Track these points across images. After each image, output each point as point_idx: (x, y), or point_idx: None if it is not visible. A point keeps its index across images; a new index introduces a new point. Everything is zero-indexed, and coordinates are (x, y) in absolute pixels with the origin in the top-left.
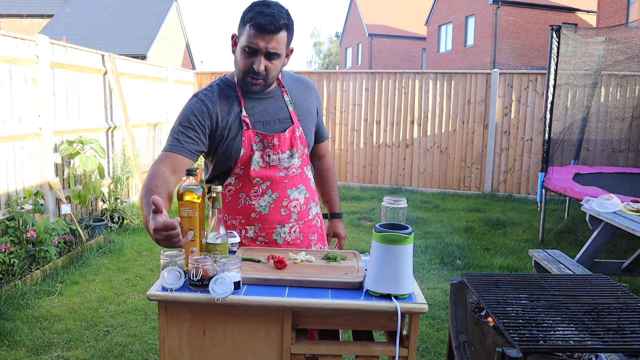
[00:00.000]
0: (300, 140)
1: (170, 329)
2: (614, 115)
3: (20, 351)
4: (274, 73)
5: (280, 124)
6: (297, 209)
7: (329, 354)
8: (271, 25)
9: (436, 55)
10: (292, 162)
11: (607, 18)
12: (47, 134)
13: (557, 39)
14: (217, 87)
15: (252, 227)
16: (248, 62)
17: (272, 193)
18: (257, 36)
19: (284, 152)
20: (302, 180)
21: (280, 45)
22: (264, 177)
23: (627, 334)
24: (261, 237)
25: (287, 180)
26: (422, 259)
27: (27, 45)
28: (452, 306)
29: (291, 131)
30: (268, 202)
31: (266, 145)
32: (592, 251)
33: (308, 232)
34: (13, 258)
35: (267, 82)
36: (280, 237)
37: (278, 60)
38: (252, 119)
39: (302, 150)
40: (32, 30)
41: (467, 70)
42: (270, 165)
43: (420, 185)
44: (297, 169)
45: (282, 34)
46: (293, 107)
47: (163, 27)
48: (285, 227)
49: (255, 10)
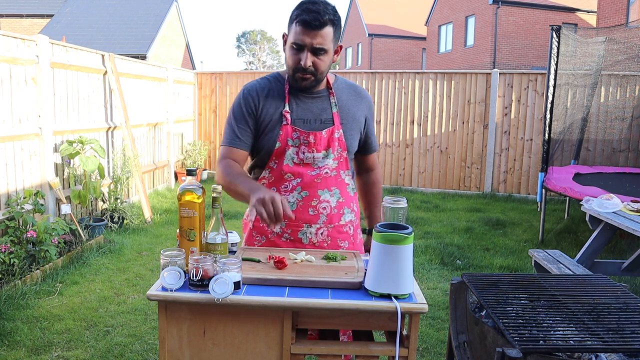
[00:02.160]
0: (339, 143)
1: (170, 329)
2: (614, 115)
3: (20, 351)
4: (322, 68)
5: (321, 124)
6: (326, 211)
7: (329, 354)
8: (316, 22)
9: (436, 55)
10: (326, 162)
11: (607, 18)
12: (47, 134)
13: (557, 39)
14: (267, 80)
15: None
16: (296, 59)
17: (301, 190)
18: (303, 32)
19: (319, 151)
20: (336, 183)
21: (326, 40)
22: (295, 174)
23: (627, 334)
24: (287, 234)
25: (319, 180)
26: (422, 259)
27: (27, 45)
28: (452, 306)
29: (330, 132)
30: (296, 199)
31: (302, 142)
32: (592, 251)
33: (337, 237)
34: (13, 258)
35: (316, 78)
36: (306, 237)
37: (325, 56)
38: (294, 115)
39: (340, 153)
40: (32, 30)
41: (467, 70)
42: (304, 162)
43: (420, 185)
44: (331, 171)
45: (327, 29)
46: (337, 110)
47: (163, 27)
48: (312, 227)
49: (302, 8)
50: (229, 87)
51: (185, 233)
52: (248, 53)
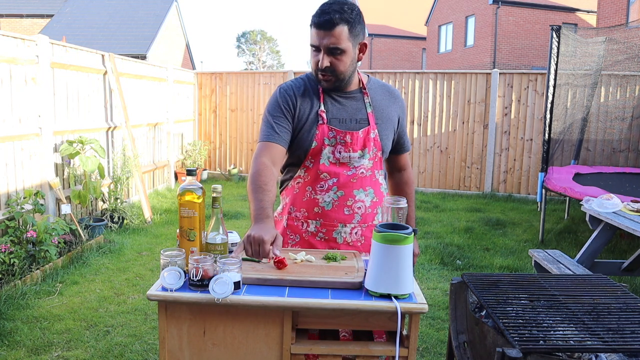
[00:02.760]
0: (374, 142)
1: (170, 329)
2: (614, 115)
3: (20, 351)
4: (341, 68)
5: (356, 124)
6: (361, 211)
7: (329, 354)
8: (326, 23)
9: (436, 55)
10: (361, 162)
11: (607, 18)
12: (47, 133)
13: (557, 39)
14: (302, 80)
15: (313, 222)
16: (315, 60)
17: (337, 190)
18: (317, 34)
19: (355, 150)
20: (371, 183)
21: (340, 39)
22: (331, 173)
23: (627, 334)
24: (321, 233)
25: (355, 180)
26: (422, 259)
27: (27, 45)
28: (452, 306)
29: (365, 132)
30: (332, 199)
31: (338, 142)
32: (592, 251)
33: (371, 237)
34: (13, 258)
35: (337, 78)
36: (341, 236)
37: (344, 55)
38: (330, 114)
39: (375, 153)
40: (32, 30)
41: (467, 70)
42: (340, 162)
43: (420, 185)
44: (366, 170)
45: (339, 28)
46: (372, 110)
47: (163, 27)
48: (346, 226)
49: (317, 11)
50: (229, 87)
51: (185, 233)
52: (248, 53)
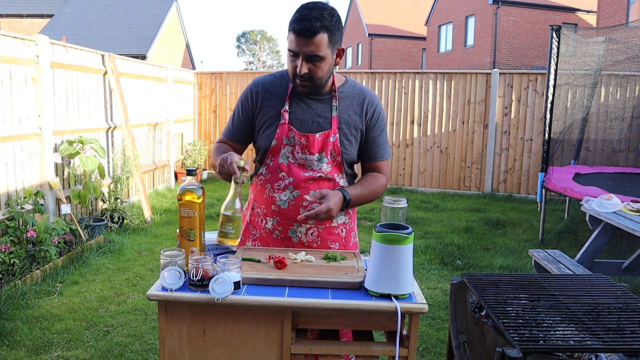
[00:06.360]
0: (334, 147)
1: (170, 329)
2: (614, 115)
3: (20, 351)
4: (319, 75)
5: (317, 127)
6: None
7: (329, 354)
8: (307, 31)
9: (436, 55)
10: (320, 166)
11: (607, 18)
12: (47, 133)
13: (557, 39)
14: (275, 77)
15: (271, 219)
16: (293, 66)
17: (293, 190)
18: (296, 41)
19: (312, 153)
20: (329, 186)
21: (320, 47)
22: (288, 172)
23: (627, 334)
24: (277, 231)
25: (312, 182)
26: (422, 259)
27: (27, 45)
28: (452, 306)
29: (325, 135)
30: (288, 198)
31: (297, 143)
32: (592, 251)
33: (328, 239)
34: (13, 258)
35: (315, 84)
36: (296, 236)
37: (322, 62)
38: (293, 115)
39: (334, 157)
40: (32, 30)
41: (467, 70)
42: (298, 162)
43: (420, 185)
44: (326, 174)
45: (319, 36)
46: (337, 114)
47: (163, 27)
48: (302, 226)
49: (296, 15)
50: (229, 87)
51: (185, 233)
52: (248, 53)
